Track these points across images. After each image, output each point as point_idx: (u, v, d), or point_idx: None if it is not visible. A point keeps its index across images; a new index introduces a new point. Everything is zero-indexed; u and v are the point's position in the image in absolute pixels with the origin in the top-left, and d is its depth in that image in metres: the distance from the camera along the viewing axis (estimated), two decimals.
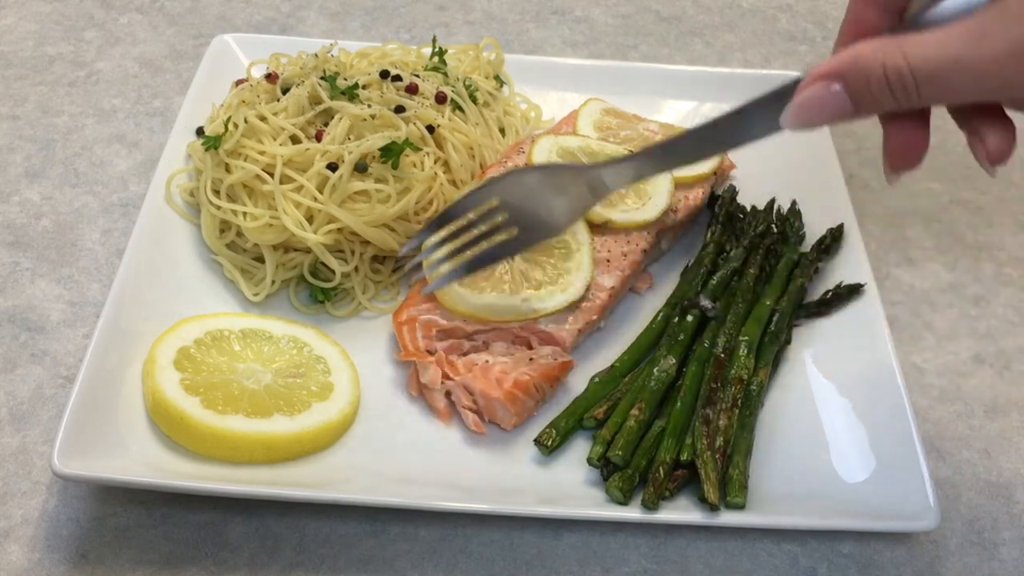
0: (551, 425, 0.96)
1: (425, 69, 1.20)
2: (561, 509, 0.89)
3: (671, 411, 0.95)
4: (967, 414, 1.05)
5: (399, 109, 1.10)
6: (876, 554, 0.93)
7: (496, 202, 0.92)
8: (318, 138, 1.07)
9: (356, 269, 1.08)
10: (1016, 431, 1.04)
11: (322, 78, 1.12)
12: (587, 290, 1.02)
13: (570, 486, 0.93)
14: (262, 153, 1.06)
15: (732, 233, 1.14)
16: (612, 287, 1.04)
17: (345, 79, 1.13)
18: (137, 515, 0.91)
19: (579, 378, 1.01)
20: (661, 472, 0.90)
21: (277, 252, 1.07)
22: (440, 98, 1.14)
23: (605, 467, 0.92)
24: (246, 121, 1.08)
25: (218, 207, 1.06)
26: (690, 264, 1.12)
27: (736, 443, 0.93)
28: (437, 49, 1.23)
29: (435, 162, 1.10)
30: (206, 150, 1.08)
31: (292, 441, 0.92)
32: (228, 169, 1.07)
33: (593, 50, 1.49)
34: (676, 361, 0.99)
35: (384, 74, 1.14)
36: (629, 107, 1.28)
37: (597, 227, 1.08)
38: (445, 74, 1.20)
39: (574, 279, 1.02)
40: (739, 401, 0.96)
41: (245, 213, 1.05)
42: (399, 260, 1.08)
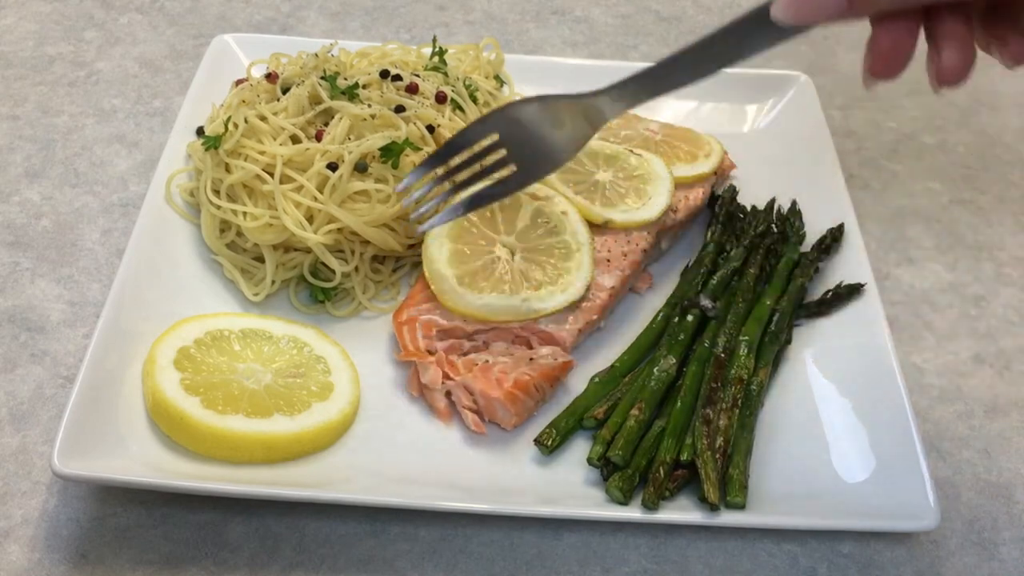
0: (551, 425, 0.96)
1: (425, 69, 1.20)
2: (561, 509, 0.89)
3: (671, 411, 0.95)
4: (967, 414, 1.05)
5: (399, 109, 1.10)
6: (876, 554, 0.92)
7: (495, 137, 0.90)
8: (318, 138, 1.07)
9: (356, 269, 1.08)
10: (1016, 431, 1.04)
11: (322, 78, 1.12)
12: (587, 290, 1.02)
13: (570, 486, 0.93)
14: (262, 153, 1.06)
15: (732, 233, 1.14)
16: (612, 287, 1.04)
17: (345, 79, 1.13)
18: (137, 515, 0.91)
19: (579, 378, 1.01)
20: (661, 472, 0.90)
21: (277, 252, 1.07)
22: (440, 98, 1.14)
23: (605, 467, 0.92)
24: (246, 121, 1.08)
25: (218, 207, 1.06)
26: (690, 264, 1.12)
27: (736, 443, 0.93)
28: (437, 49, 1.23)
29: None
30: (206, 150, 1.08)
31: (292, 441, 0.92)
32: (228, 169, 1.07)
33: (593, 50, 1.49)
34: (676, 361, 0.99)
35: (384, 74, 1.14)
36: None
37: (597, 227, 1.08)
38: (445, 74, 1.20)
39: (574, 279, 1.02)
40: (739, 401, 0.96)
41: (245, 213, 1.05)
42: (398, 192, 1.03)
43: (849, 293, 1.07)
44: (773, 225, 1.15)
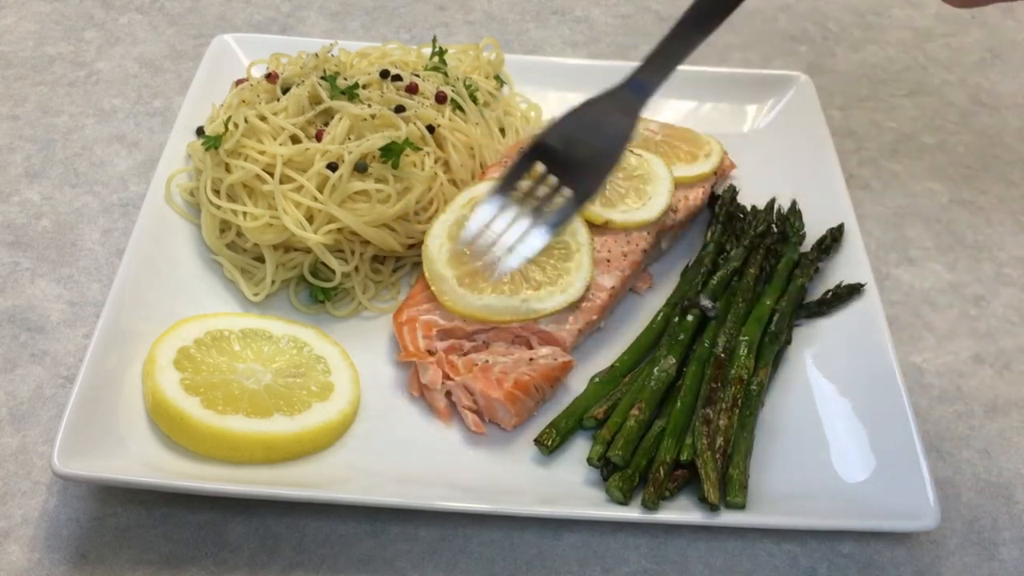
0: (551, 425, 0.96)
1: (425, 69, 1.20)
2: (561, 509, 0.89)
3: (671, 411, 0.95)
4: (967, 414, 1.05)
5: (399, 109, 1.10)
6: (876, 554, 0.92)
7: (541, 168, 0.88)
8: (318, 138, 1.07)
9: (356, 269, 1.08)
10: (1016, 431, 1.04)
11: (322, 78, 1.12)
12: (587, 290, 1.02)
13: (570, 486, 0.93)
14: (262, 153, 1.06)
15: (732, 233, 1.14)
16: (612, 287, 1.04)
17: (345, 79, 1.13)
18: (137, 515, 0.91)
19: (579, 378, 1.01)
20: (661, 472, 0.90)
21: (277, 252, 1.07)
22: (440, 98, 1.14)
23: (605, 467, 0.92)
24: (246, 121, 1.08)
25: (218, 207, 1.06)
26: (690, 264, 1.12)
27: (736, 443, 0.93)
28: (437, 49, 1.23)
29: (435, 162, 1.10)
30: (206, 150, 1.08)
31: (292, 441, 0.92)
32: (228, 169, 1.07)
33: (593, 50, 1.49)
34: (676, 361, 0.99)
35: (384, 74, 1.14)
36: None
37: (597, 227, 1.07)
38: (445, 74, 1.20)
39: (574, 279, 1.02)
40: (739, 401, 0.96)
41: (245, 213, 1.05)
42: (467, 243, 0.97)
43: (849, 293, 1.07)
44: (773, 225, 1.15)
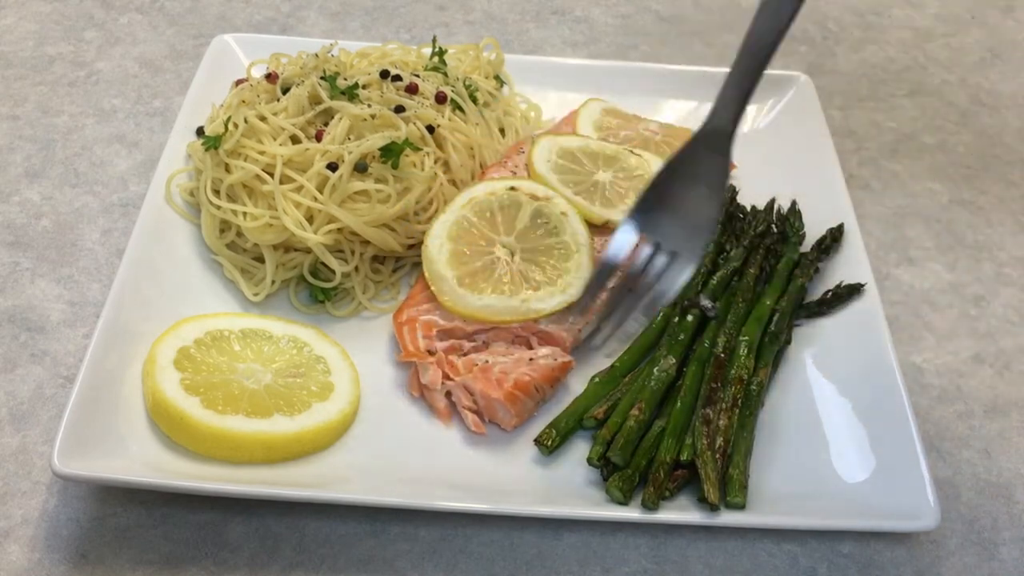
0: (551, 425, 0.96)
1: (425, 69, 1.20)
2: (561, 509, 0.89)
3: (671, 411, 0.95)
4: (967, 414, 1.05)
5: (399, 109, 1.10)
6: (876, 554, 0.92)
7: (640, 240, 0.88)
8: (318, 138, 1.07)
9: (356, 269, 1.08)
10: (1016, 431, 1.04)
11: (322, 78, 1.12)
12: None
13: (570, 486, 0.93)
14: (262, 153, 1.06)
15: (732, 233, 1.14)
16: (612, 287, 1.04)
17: (345, 79, 1.13)
18: (137, 515, 0.91)
19: (579, 378, 1.01)
20: (661, 472, 0.90)
21: (277, 252, 1.07)
22: (440, 98, 1.14)
23: (605, 467, 0.92)
24: (246, 121, 1.08)
25: (218, 207, 1.06)
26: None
27: (736, 443, 0.93)
28: (437, 49, 1.23)
29: (435, 162, 1.10)
30: (206, 150, 1.08)
31: (292, 441, 0.92)
32: (228, 169, 1.07)
33: (593, 50, 1.49)
34: (676, 361, 0.99)
35: (384, 74, 1.14)
36: (629, 107, 1.28)
37: (597, 227, 1.07)
38: (445, 74, 1.20)
39: (573, 279, 1.02)
40: (739, 401, 0.96)
41: (245, 213, 1.05)
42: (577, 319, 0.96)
43: (849, 293, 1.07)
44: (773, 225, 1.15)
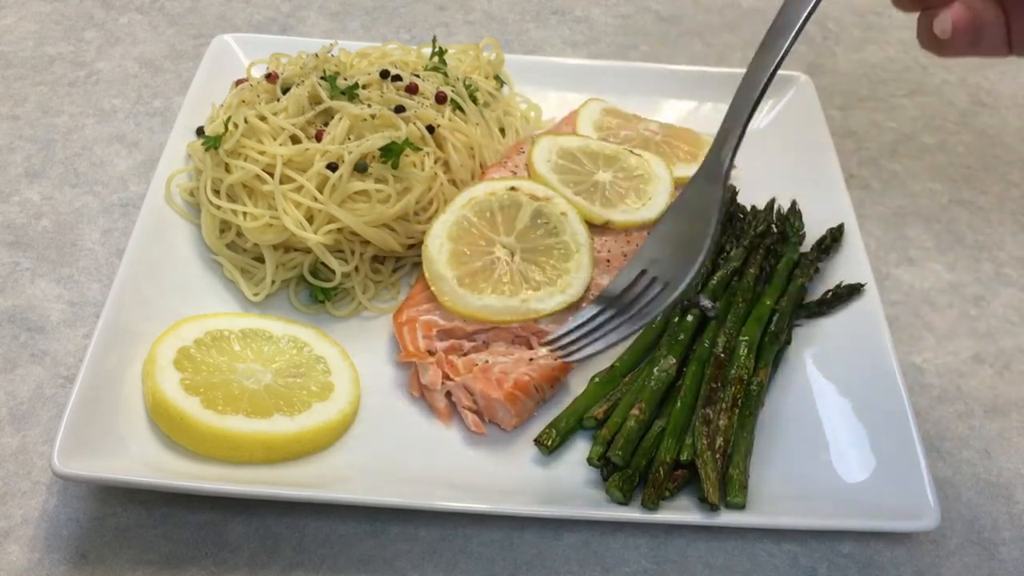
0: (551, 425, 0.96)
1: (425, 69, 1.20)
2: (561, 509, 0.89)
3: (671, 411, 0.95)
4: (967, 414, 1.05)
5: (399, 109, 1.10)
6: (876, 554, 0.92)
7: (639, 273, 0.92)
8: (318, 138, 1.07)
9: (356, 269, 1.08)
10: (1016, 431, 1.04)
11: (322, 78, 1.12)
12: (587, 290, 1.02)
13: (570, 486, 0.93)
14: (262, 153, 1.06)
15: (732, 233, 1.14)
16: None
17: (345, 79, 1.13)
18: (137, 515, 0.91)
19: (579, 378, 1.01)
20: (661, 472, 0.90)
21: (277, 252, 1.07)
22: (440, 98, 1.14)
23: (605, 467, 0.92)
24: (246, 121, 1.08)
25: (218, 207, 1.06)
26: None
27: (736, 443, 0.93)
28: (437, 49, 1.23)
29: (435, 162, 1.10)
30: (206, 150, 1.08)
31: (292, 441, 0.92)
32: (228, 169, 1.07)
33: (593, 50, 1.49)
34: (676, 361, 0.99)
35: (384, 74, 1.14)
36: (629, 107, 1.28)
37: (597, 227, 1.07)
38: (445, 74, 1.20)
39: (573, 279, 1.02)
40: (739, 401, 0.96)
41: (245, 213, 1.05)
42: (549, 342, 0.97)
43: (849, 293, 1.07)
44: (773, 225, 1.15)
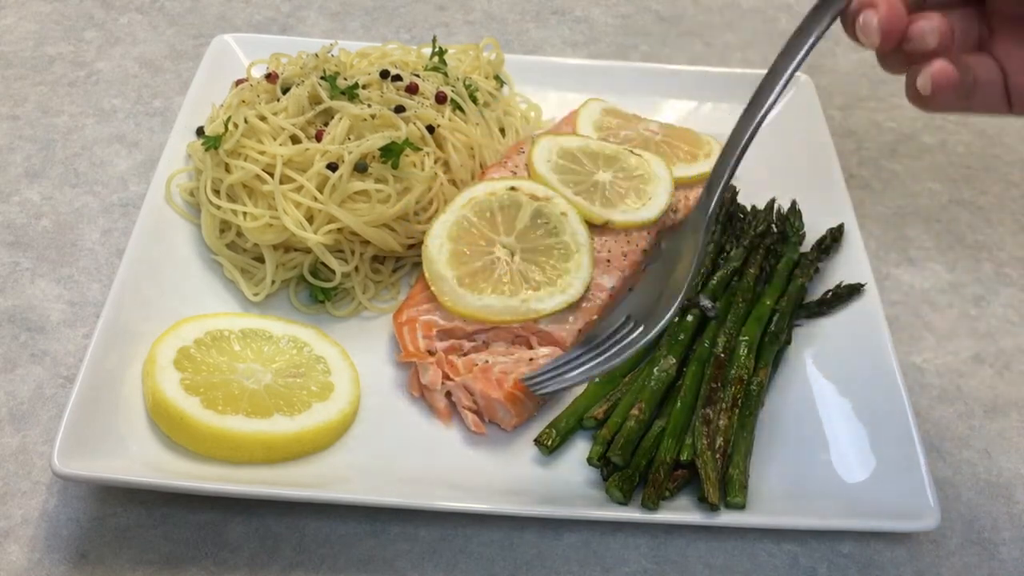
0: (551, 425, 0.96)
1: (425, 69, 1.20)
2: (561, 509, 0.89)
3: (671, 411, 0.95)
4: (967, 414, 1.05)
5: (399, 109, 1.10)
6: (876, 554, 0.92)
7: (625, 315, 0.92)
8: (318, 138, 1.07)
9: (356, 269, 1.08)
10: (1016, 431, 1.04)
11: (322, 78, 1.12)
12: (587, 290, 1.02)
13: (570, 486, 0.93)
14: (262, 153, 1.06)
15: (732, 233, 1.14)
16: (612, 287, 1.04)
17: (345, 79, 1.13)
18: (137, 515, 0.91)
19: None
20: (661, 472, 0.90)
21: (277, 252, 1.07)
22: (440, 98, 1.14)
23: (605, 467, 0.92)
24: (246, 121, 1.08)
25: (218, 207, 1.06)
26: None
27: (736, 443, 0.93)
28: (437, 49, 1.23)
29: (435, 162, 1.10)
30: (206, 150, 1.08)
31: (292, 441, 0.92)
32: (228, 169, 1.07)
33: (593, 50, 1.49)
34: (676, 361, 0.99)
35: (384, 74, 1.14)
36: (629, 107, 1.28)
37: (597, 227, 1.07)
38: (445, 74, 1.20)
39: (573, 279, 1.02)
40: (739, 401, 0.96)
41: (245, 213, 1.06)
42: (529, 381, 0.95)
43: (849, 293, 1.07)
44: (773, 225, 1.15)
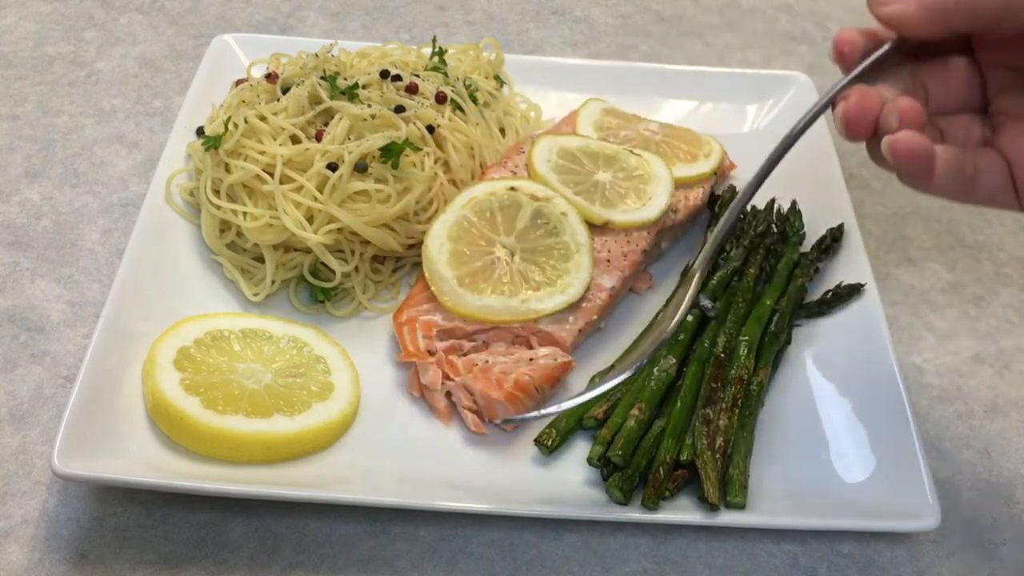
0: (551, 425, 0.96)
1: (425, 69, 1.20)
2: (561, 509, 0.89)
3: (671, 411, 0.95)
4: (967, 414, 1.05)
5: (399, 109, 1.10)
6: (876, 554, 0.92)
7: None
8: (318, 138, 1.07)
9: (356, 269, 1.08)
10: (1016, 431, 1.04)
11: (322, 78, 1.12)
12: (587, 290, 1.02)
13: (570, 486, 0.93)
14: (262, 153, 1.06)
15: (732, 233, 1.14)
16: (612, 287, 1.04)
17: (345, 79, 1.13)
18: (137, 515, 0.91)
19: (579, 378, 1.01)
20: (661, 472, 0.90)
21: (277, 252, 1.07)
22: (440, 98, 1.14)
23: (605, 467, 0.92)
24: (246, 121, 1.08)
25: (218, 207, 1.06)
26: (690, 264, 1.12)
27: (736, 443, 0.93)
28: (437, 49, 1.23)
29: (435, 162, 1.10)
30: (206, 150, 1.08)
31: (292, 441, 0.92)
32: (228, 169, 1.07)
33: (593, 50, 1.49)
34: (676, 361, 0.99)
35: (384, 74, 1.14)
36: (629, 107, 1.28)
37: (597, 227, 1.07)
38: (445, 74, 1.20)
39: (573, 280, 1.02)
40: (739, 401, 0.96)
41: (245, 213, 1.06)
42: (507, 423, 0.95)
43: (849, 293, 1.07)
44: (773, 225, 1.15)
